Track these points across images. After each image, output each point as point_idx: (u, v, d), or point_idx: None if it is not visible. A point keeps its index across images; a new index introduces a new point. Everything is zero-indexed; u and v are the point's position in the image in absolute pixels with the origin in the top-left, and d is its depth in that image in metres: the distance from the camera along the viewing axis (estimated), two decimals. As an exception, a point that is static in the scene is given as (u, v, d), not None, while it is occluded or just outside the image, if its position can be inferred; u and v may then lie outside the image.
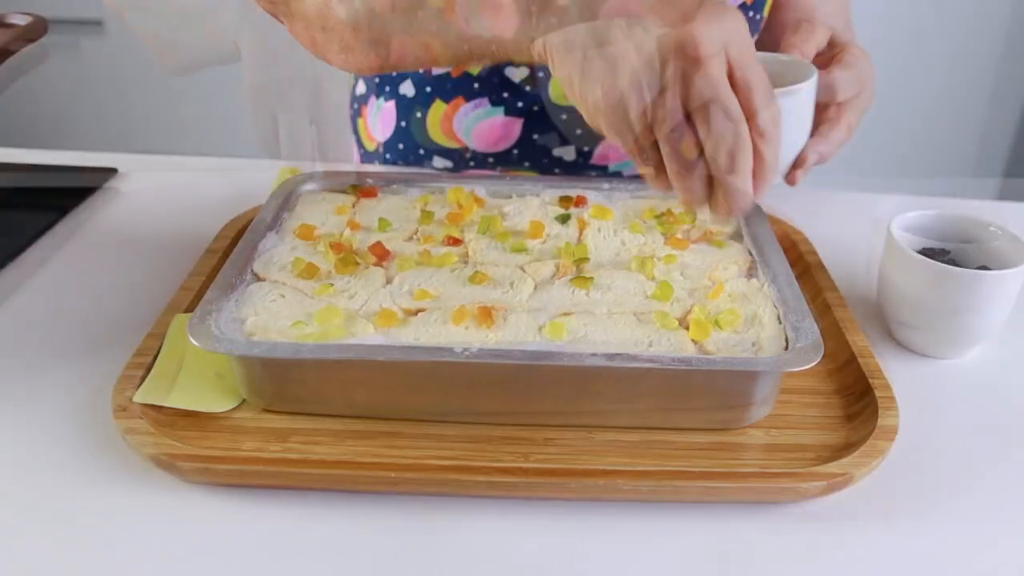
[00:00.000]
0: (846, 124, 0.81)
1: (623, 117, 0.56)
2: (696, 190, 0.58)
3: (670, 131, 0.56)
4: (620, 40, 0.55)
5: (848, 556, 0.59)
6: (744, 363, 0.63)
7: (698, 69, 0.54)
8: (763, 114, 0.57)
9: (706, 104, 0.55)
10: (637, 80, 0.54)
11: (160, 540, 0.58)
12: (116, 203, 1.03)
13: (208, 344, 0.62)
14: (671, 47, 0.54)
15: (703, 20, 0.54)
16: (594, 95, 0.56)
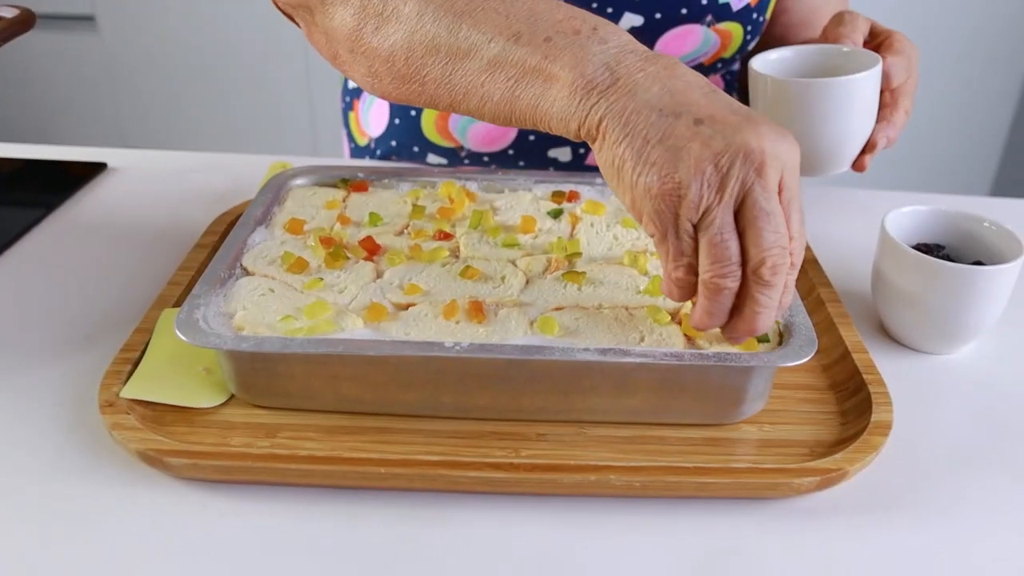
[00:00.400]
0: (903, 108, 0.86)
1: (672, 207, 0.54)
2: (722, 302, 0.57)
3: (717, 231, 0.54)
4: (686, 134, 0.53)
5: (842, 552, 0.59)
6: (737, 358, 0.62)
7: (760, 179, 0.53)
8: (798, 241, 0.57)
9: (761, 215, 0.54)
10: (700, 172, 0.53)
11: (147, 536, 0.57)
12: (105, 198, 1.02)
13: (196, 339, 0.62)
14: (740, 150, 0.53)
15: (770, 135, 0.54)
16: (648, 179, 0.54)
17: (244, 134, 2.65)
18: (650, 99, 0.55)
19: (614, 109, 0.55)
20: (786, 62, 0.90)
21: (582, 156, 1.05)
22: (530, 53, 0.58)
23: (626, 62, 0.57)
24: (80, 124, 2.72)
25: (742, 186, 0.54)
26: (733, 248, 0.55)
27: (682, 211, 0.54)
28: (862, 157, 0.86)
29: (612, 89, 0.56)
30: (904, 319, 0.78)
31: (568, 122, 0.57)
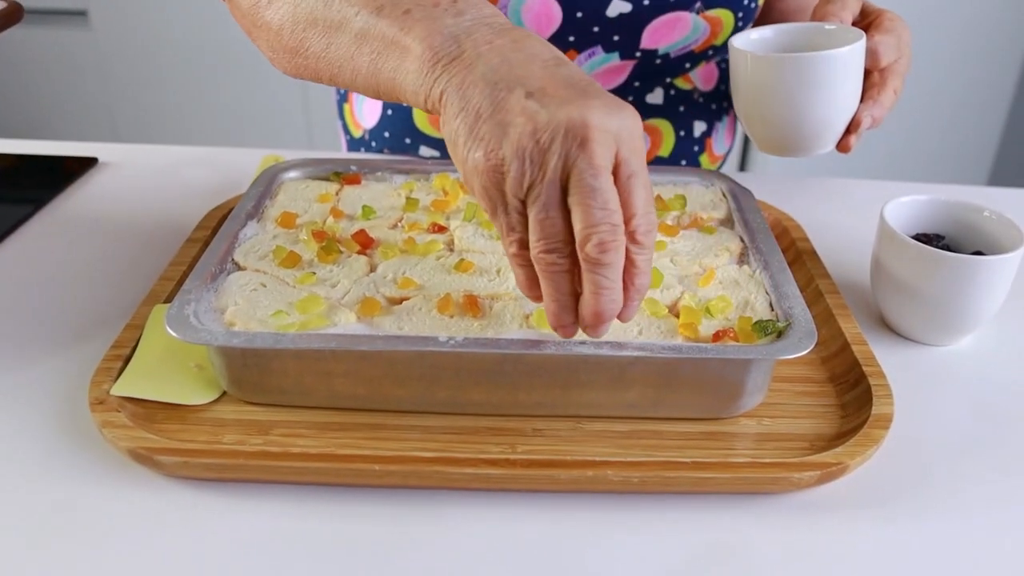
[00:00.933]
0: (892, 88, 0.84)
1: (498, 183, 0.53)
2: (558, 283, 0.55)
3: (541, 208, 0.53)
4: (514, 109, 0.52)
5: (843, 546, 0.58)
6: (736, 351, 0.62)
7: (583, 153, 0.52)
8: (641, 219, 0.54)
9: (584, 191, 0.52)
10: (521, 149, 0.52)
11: (138, 536, 0.57)
12: (96, 193, 1.01)
13: (186, 335, 0.61)
14: (562, 125, 0.51)
15: (599, 108, 0.52)
16: (475, 155, 0.53)
17: (237, 128, 2.63)
18: (487, 72, 0.54)
19: (454, 82, 0.55)
20: (767, 41, 0.89)
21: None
22: (389, 25, 0.58)
23: (475, 35, 0.56)
24: (73, 119, 2.70)
25: (565, 161, 0.52)
26: (559, 224, 0.53)
27: (507, 187, 0.53)
28: (847, 137, 0.84)
29: (456, 62, 0.55)
30: (904, 310, 0.77)
31: (417, 94, 0.57)
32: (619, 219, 0.53)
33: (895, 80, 0.85)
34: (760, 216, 0.80)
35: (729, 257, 0.75)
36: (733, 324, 0.66)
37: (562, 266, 0.55)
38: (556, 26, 0.92)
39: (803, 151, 0.86)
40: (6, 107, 2.70)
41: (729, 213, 0.82)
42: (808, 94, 0.81)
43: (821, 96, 0.81)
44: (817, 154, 0.86)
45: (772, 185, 1.03)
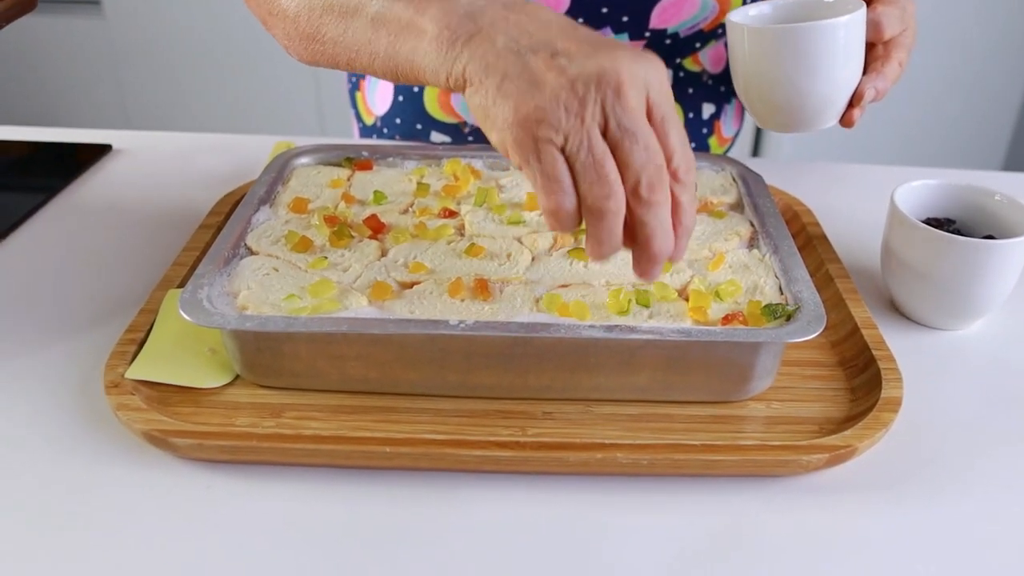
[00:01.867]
0: (897, 60, 0.81)
1: (531, 131, 0.52)
2: (608, 227, 0.54)
3: (588, 153, 0.52)
4: (542, 67, 0.53)
5: (852, 529, 0.58)
6: (746, 334, 0.62)
7: (619, 100, 0.52)
8: (681, 158, 0.55)
9: (626, 134, 0.52)
10: (557, 99, 0.52)
11: (153, 517, 0.57)
12: (110, 180, 1.01)
13: (200, 318, 0.61)
14: (594, 74, 0.52)
15: (627, 56, 0.53)
16: (505, 110, 0.53)
17: (249, 116, 2.64)
18: (508, 43, 0.54)
19: (476, 56, 0.55)
20: (765, 16, 0.86)
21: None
22: (404, 8, 0.59)
23: (490, 12, 0.56)
24: (85, 107, 2.71)
25: (602, 108, 0.52)
26: (609, 166, 0.53)
27: (541, 132, 0.52)
28: (850, 111, 0.82)
29: (475, 39, 0.55)
30: (914, 294, 0.77)
31: (438, 74, 0.57)
32: (662, 159, 0.54)
33: (900, 52, 0.82)
34: (770, 200, 0.80)
35: (739, 241, 0.75)
36: (742, 308, 0.66)
37: (615, 213, 0.54)
38: (566, 7, 0.92)
39: (804, 126, 0.83)
40: (20, 95, 2.71)
41: (739, 197, 0.82)
42: (806, 66, 0.78)
43: (820, 68, 0.78)
44: (819, 129, 0.83)
45: (782, 170, 1.03)
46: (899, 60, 0.82)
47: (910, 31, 0.83)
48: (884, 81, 0.81)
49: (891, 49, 0.82)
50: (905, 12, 0.82)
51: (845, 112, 0.82)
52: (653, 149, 0.53)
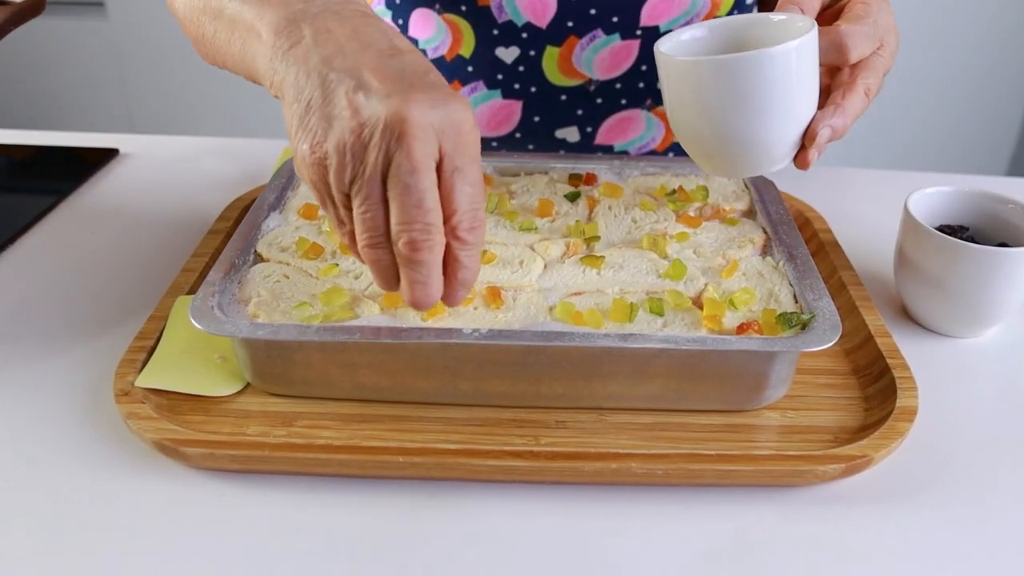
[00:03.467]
0: (862, 88, 0.68)
1: (323, 176, 0.53)
2: (382, 272, 0.56)
3: (362, 203, 0.53)
4: (341, 102, 0.52)
5: (868, 539, 0.58)
6: (761, 343, 0.61)
7: (401, 149, 0.51)
8: (464, 216, 0.54)
9: (399, 188, 0.51)
10: (343, 144, 0.52)
11: (164, 527, 0.57)
12: (118, 184, 1.01)
13: (210, 327, 0.61)
14: (381, 120, 0.51)
15: (421, 101, 0.51)
16: (303, 147, 0.53)
17: (257, 119, 2.63)
18: (320, 63, 0.53)
19: (291, 71, 0.54)
20: (700, 41, 0.72)
21: (590, 135, 1.03)
22: (249, 9, 0.58)
23: (318, 22, 0.55)
24: (89, 110, 2.71)
25: (385, 156, 0.51)
26: (379, 219, 0.53)
27: (331, 181, 0.53)
28: (803, 152, 0.68)
29: (294, 50, 0.55)
30: (928, 302, 0.77)
31: (264, 81, 0.57)
32: (434, 218, 0.52)
33: (868, 78, 0.69)
34: (783, 207, 0.79)
35: (752, 248, 0.75)
36: (757, 316, 0.65)
37: (386, 260, 0.55)
38: (552, 12, 0.91)
39: (748, 171, 0.70)
40: (23, 98, 2.71)
41: (751, 204, 0.82)
42: (739, 104, 0.65)
43: (756, 106, 0.65)
44: (767, 172, 0.71)
45: (793, 175, 1.03)
46: (866, 88, 0.69)
47: (886, 50, 0.70)
48: (843, 117, 0.67)
49: (857, 74, 0.69)
50: (877, 26, 0.69)
51: (799, 152, 0.69)
52: (427, 207, 0.52)
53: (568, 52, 0.96)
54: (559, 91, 0.99)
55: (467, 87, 1.00)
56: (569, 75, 0.98)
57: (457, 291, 0.57)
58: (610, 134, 1.03)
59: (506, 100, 1.00)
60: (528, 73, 0.98)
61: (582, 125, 1.03)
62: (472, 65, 0.99)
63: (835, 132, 0.68)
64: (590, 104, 1.00)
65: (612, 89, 0.99)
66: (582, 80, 0.98)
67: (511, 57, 0.97)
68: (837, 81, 0.70)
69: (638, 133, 1.04)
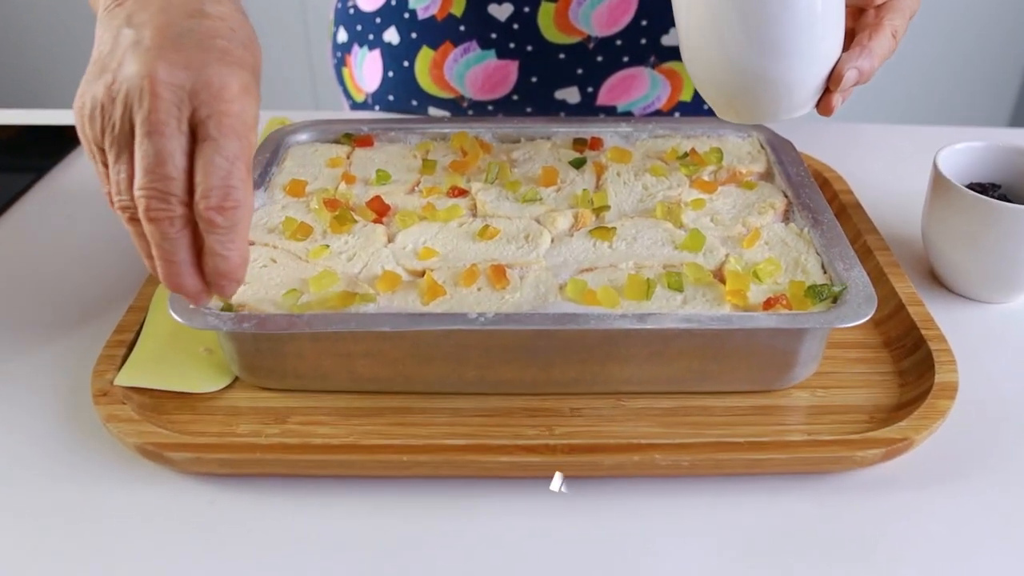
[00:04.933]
0: (889, 29, 0.65)
1: (82, 127, 0.51)
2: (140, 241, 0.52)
3: (113, 160, 0.50)
4: (117, 56, 0.49)
5: (912, 526, 0.54)
6: (790, 320, 0.57)
7: (140, 106, 0.48)
8: (212, 192, 0.49)
9: (137, 147, 0.48)
10: (96, 97, 0.49)
11: (150, 538, 0.52)
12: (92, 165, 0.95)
13: (191, 319, 0.56)
14: (131, 76, 0.48)
15: (175, 60, 0.48)
16: (76, 101, 0.51)
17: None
18: (123, 19, 0.51)
19: (101, 27, 0.52)
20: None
21: (591, 96, 0.98)
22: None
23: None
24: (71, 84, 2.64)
25: (129, 114, 0.48)
26: (123, 181, 0.50)
27: (87, 131, 0.51)
28: (828, 96, 0.65)
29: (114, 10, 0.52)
30: (959, 265, 0.72)
31: None
32: (174, 187, 0.49)
33: (895, 19, 0.65)
34: (803, 168, 0.74)
35: (773, 214, 0.70)
36: (784, 289, 0.60)
37: (135, 228, 0.51)
38: None
39: (769, 114, 0.66)
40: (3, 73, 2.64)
41: (769, 166, 0.77)
42: (759, 36, 0.62)
43: (777, 37, 0.61)
44: (789, 117, 0.67)
45: (808, 133, 0.97)
46: (893, 29, 0.65)
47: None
48: (870, 58, 0.64)
49: (883, 15, 0.65)
50: None
51: (823, 96, 0.66)
52: (163, 173, 0.48)
53: (564, 7, 0.91)
54: (557, 49, 0.94)
55: (460, 47, 0.95)
56: (567, 32, 0.93)
57: (216, 282, 0.52)
58: (612, 94, 0.98)
59: (501, 60, 0.95)
60: (523, 31, 0.93)
61: (582, 85, 0.98)
62: (464, 24, 0.93)
63: (861, 74, 0.64)
64: (590, 63, 0.95)
65: (613, 46, 0.94)
66: (580, 37, 0.93)
67: (505, 14, 0.92)
68: (862, 23, 0.66)
69: (642, 92, 0.98)
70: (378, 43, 1.00)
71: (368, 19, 1.00)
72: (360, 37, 1.02)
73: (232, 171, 0.49)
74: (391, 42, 0.99)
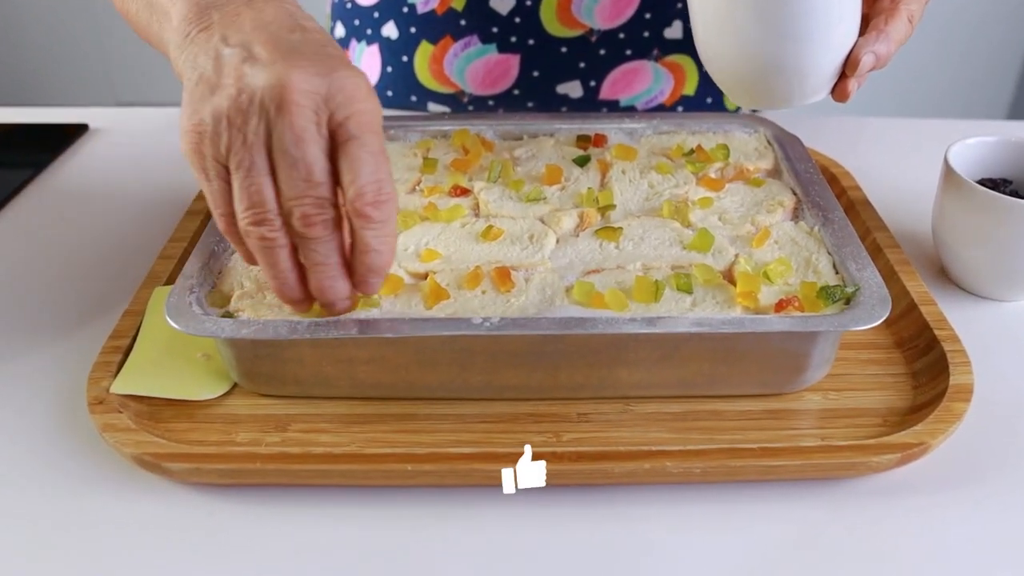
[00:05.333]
0: (905, 14, 0.64)
1: (197, 145, 0.49)
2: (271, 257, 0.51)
3: (245, 174, 0.48)
4: (229, 72, 0.49)
5: (928, 533, 0.52)
6: (804, 323, 0.55)
7: (281, 117, 0.47)
8: (365, 189, 0.49)
9: (283, 158, 0.48)
10: (220, 110, 0.48)
11: (147, 551, 0.51)
12: (87, 163, 0.94)
13: (189, 326, 0.55)
14: (261, 87, 0.47)
15: (306, 68, 0.48)
16: (182, 118, 0.50)
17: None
18: (218, 42, 0.50)
19: (192, 52, 0.51)
20: None
21: (593, 90, 0.97)
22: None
23: (227, 7, 0.52)
24: (67, 80, 2.62)
25: (265, 125, 0.48)
26: (264, 192, 0.49)
27: (205, 149, 0.49)
28: (844, 82, 0.65)
29: (204, 33, 0.51)
30: (971, 263, 0.71)
31: (175, 68, 0.53)
32: (325, 190, 0.49)
33: (910, 3, 0.65)
34: (812, 165, 0.73)
35: (783, 213, 0.68)
36: (795, 290, 0.59)
37: (273, 240, 0.50)
38: None
39: (783, 100, 0.66)
40: None
41: (777, 162, 0.75)
42: (779, 22, 0.61)
43: (797, 26, 0.61)
44: (804, 103, 0.66)
45: (813, 127, 0.96)
46: (909, 14, 0.65)
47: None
48: (887, 43, 0.63)
49: (899, 1, 0.65)
50: None
51: (838, 82, 0.66)
52: (316, 180, 0.48)
53: (567, 1, 0.89)
54: (559, 43, 0.93)
55: (460, 42, 0.93)
56: (569, 25, 0.91)
57: (367, 279, 0.52)
58: (615, 88, 0.97)
59: (502, 54, 0.93)
60: (525, 24, 0.92)
61: (585, 79, 0.96)
62: (465, 18, 0.92)
63: (878, 59, 0.64)
64: (592, 56, 0.94)
65: (615, 39, 0.93)
66: (583, 30, 0.92)
67: (506, 8, 0.90)
68: (877, 8, 0.66)
69: (645, 86, 0.97)
70: (376, 37, 0.99)
71: (366, 13, 0.98)
72: (358, 32, 1.00)
73: (379, 166, 0.50)
74: (390, 36, 0.97)
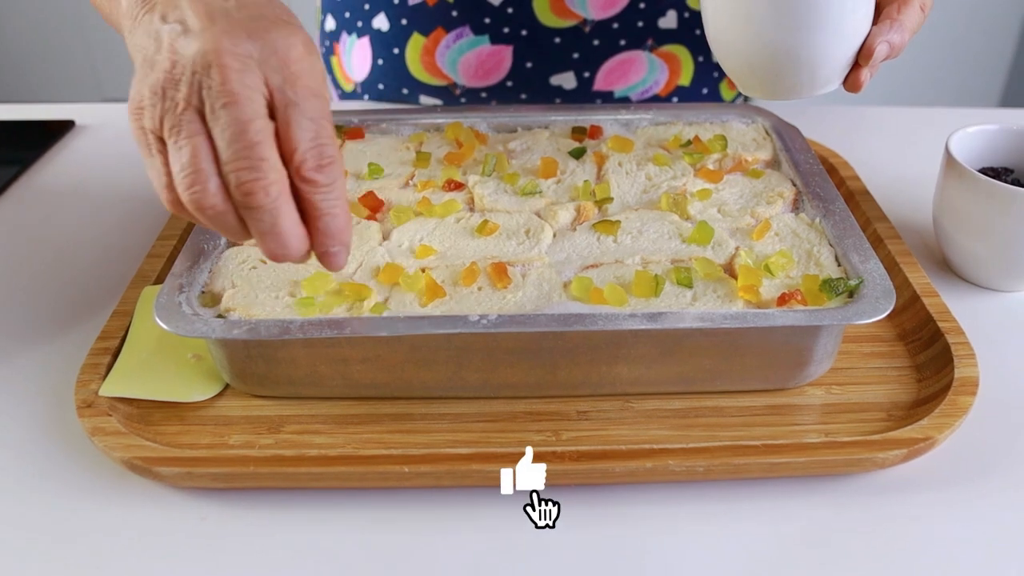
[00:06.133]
0: (917, 3, 0.63)
1: (139, 121, 0.48)
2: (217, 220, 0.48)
3: (177, 138, 0.46)
4: (165, 47, 0.47)
5: (935, 528, 0.52)
6: (807, 317, 0.54)
7: (209, 79, 0.46)
8: (307, 153, 0.47)
9: (216, 121, 0.46)
10: (156, 83, 0.47)
11: (138, 557, 0.50)
12: (74, 160, 0.92)
13: (178, 327, 0.53)
14: (192, 55, 0.46)
15: (236, 31, 0.46)
16: (129, 95, 0.48)
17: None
18: (157, 20, 0.49)
19: (138, 34, 0.50)
20: None
21: (588, 81, 0.96)
22: None
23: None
24: (52, 75, 2.59)
25: (197, 90, 0.46)
26: (197, 152, 0.46)
27: (145, 123, 0.48)
28: (857, 71, 0.64)
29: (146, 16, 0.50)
30: (972, 253, 0.70)
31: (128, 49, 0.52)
32: (264, 152, 0.46)
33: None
34: (811, 155, 0.71)
35: (783, 204, 0.67)
36: (797, 283, 0.58)
37: (213, 204, 0.47)
38: None
39: (796, 91, 0.65)
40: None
41: (775, 153, 0.74)
42: (792, 11, 0.60)
43: (810, 15, 0.60)
44: (817, 94, 0.65)
45: (811, 117, 0.95)
46: (921, 3, 0.64)
47: None
48: (900, 32, 0.62)
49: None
50: None
51: (850, 72, 0.64)
52: (251, 141, 0.46)
53: None
54: (552, 33, 0.91)
55: (452, 33, 0.92)
56: (562, 15, 0.90)
57: (326, 246, 0.49)
58: (609, 79, 0.95)
59: (495, 45, 0.92)
60: (517, 15, 0.90)
61: (579, 70, 0.95)
62: (456, 9, 0.90)
63: (892, 48, 0.63)
64: (586, 47, 0.93)
65: (609, 29, 0.92)
66: (576, 20, 0.90)
67: None
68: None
69: (639, 77, 0.96)
70: (367, 29, 0.97)
71: (356, 5, 0.97)
72: (348, 24, 0.99)
73: (320, 130, 0.47)
74: (380, 28, 0.96)
